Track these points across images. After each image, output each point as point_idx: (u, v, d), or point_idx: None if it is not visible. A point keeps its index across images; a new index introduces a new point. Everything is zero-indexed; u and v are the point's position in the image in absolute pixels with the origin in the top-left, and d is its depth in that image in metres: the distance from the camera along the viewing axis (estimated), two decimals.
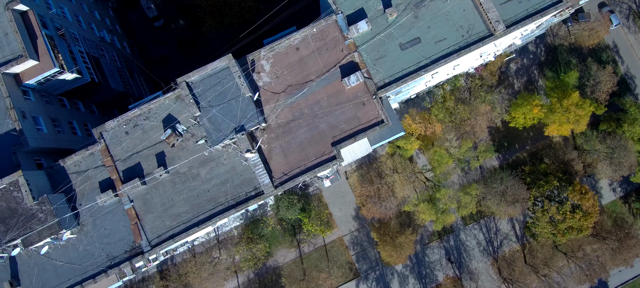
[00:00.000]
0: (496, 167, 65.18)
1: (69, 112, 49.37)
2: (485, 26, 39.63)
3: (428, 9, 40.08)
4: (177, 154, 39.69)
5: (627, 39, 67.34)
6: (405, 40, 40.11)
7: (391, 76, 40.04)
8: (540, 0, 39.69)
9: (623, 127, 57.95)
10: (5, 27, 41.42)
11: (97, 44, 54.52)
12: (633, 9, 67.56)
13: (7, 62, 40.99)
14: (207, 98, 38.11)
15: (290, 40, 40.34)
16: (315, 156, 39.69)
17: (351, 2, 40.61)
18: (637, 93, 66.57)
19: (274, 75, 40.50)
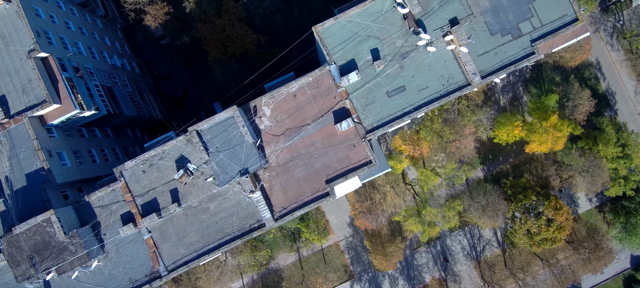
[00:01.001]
0: (481, 178, 70.27)
1: (88, 141, 54.18)
2: (463, 76, 43.75)
3: (412, 60, 44.11)
4: (188, 190, 44.73)
5: (609, 57, 70.90)
6: (392, 88, 44.36)
7: (379, 121, 44.53)
8: (514, 52, 43.66)
9: (598, 146, 62.47)
10: (28, 74, 45.74)
11: (110, 72, 58.70)
12: (617, 27, 70.78)
13: (32, 106, 45.57)
14: (215, 144, 42.83)
15: (288, 89, 44.63)
16: (311, 192, 44.71)
17: (343, 53, 44.61)
18: (616, 108, 70.71)
19: (274, 120, 45.03)
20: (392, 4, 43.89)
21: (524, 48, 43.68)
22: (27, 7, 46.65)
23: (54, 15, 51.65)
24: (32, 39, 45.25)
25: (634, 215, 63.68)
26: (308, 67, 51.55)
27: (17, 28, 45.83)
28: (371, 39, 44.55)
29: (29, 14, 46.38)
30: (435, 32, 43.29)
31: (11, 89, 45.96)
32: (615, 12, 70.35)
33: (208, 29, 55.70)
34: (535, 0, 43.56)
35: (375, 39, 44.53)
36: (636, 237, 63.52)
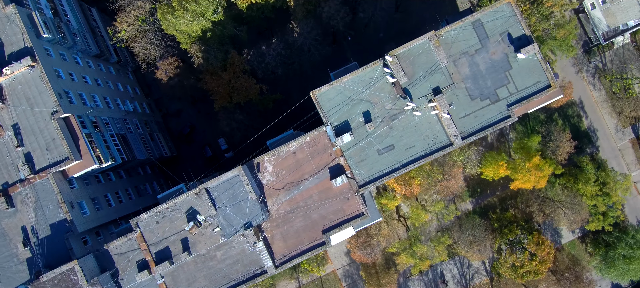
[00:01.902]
0: (470, 210, 74.64)
1: (104, 186, 58.80)
2: (447, 137, 48.15)
3: (400, 122, 48.52)
4: (198, 239, 49.32)
5: (591, 96, 75.08)
6: (382, 147, 48.82)
7: (370, 176, 49.00)
8: (492, 115, 48.02)
9: (578, 185, 66.72)
10: (52, 133, 50.34)
11: (123, 119, 63.28)
12: (599, 67, 74.94)
13: (56, 163, 50.19)
14: (222, 200, 47.40)
15: (288, 147, 49.14)
16: (309, 241, 49.27)
17: (338, 115, 49.06)
18: (598, 145, 74.87)
19: (275, 175, 49.57)
20: (382, 72, 48.30)
21: (501, 112, 48.04)
22: (49, 71, 51.23)
23: (72, 72, 56.22)
24: (55, 102, 49.84)
25: (612, 248, 67.90)
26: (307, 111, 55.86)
27: (41, 91, 50.42)
28: (363, 103, 48.99)
29: (51, 76, 50.98)
30: (420, 99, 47.70)
31: (36, 146, 50.58)
32: (597, 54, 74.50)
33: (215, 81, 60.17)
34: (511, 69, 47.90)
35: (367, 103, 48.97)
36: (615, 268, 67.71)
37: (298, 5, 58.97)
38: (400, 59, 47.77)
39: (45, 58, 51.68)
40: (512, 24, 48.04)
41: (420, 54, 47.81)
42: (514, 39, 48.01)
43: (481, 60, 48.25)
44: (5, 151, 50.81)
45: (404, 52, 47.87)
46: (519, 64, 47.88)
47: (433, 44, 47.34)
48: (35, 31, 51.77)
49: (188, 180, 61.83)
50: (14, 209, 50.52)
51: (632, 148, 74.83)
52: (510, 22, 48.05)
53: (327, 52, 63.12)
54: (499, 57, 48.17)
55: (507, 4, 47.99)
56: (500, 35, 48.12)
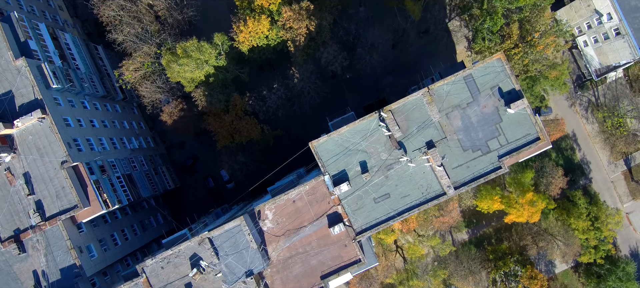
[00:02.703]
0: (466, 240, 76.57)
1: (110, 226, 60.93)
2: (440, 187, 50.09)
3: (396, 172, 50.47)
4: (201, 285, 51.35)
5: (585, 129, 76.89)
6: (378, 196, 50.77)
7: (367, 224, 50.96)
8: (484, 166, 49.91)
9: (570, 220, 68.59)
10: (62, 182, 52.48)
11: (129, 158, 65.39)
12: (592, 102, 76.71)
13: (65, 210, 52.33)
14: (224, 249, 49.42)
15: (288, 195, 51.14)
16: (308, 287, 51.24)
17: (336, 164, 51.03)
18: (591, 177, 76.71)
19: (275, 222, 51.57)
20: (378, 124, 50.25)
21: (492, 163, 49.93)
22: (58, 121, 53.36)
23: (80, 118, 58.35)
24: (65, 152, 51.97)
25: (603, 280, 69.74)
26: (306, 144, 58.05)
27: (50, 141, 52.55)
28: (360, 153, 50.93)
29: (60, 127, 53.10)
30: (414, 152, 49.64)
31: (46, 194, 52.73)
32: (590, 88, 76.27)
33: (217, 122, 62.22)
34: (502, 121, 49.78)
35: (364, 153, 50.91)
36: None
37: (298, 51, 60.93)
38: (395, 113, 49.71)
39: (55, 108, 53.81)
40: (503, 79, 49.90)
41: (413, 109, 49.73)
42: (505, 93, 49.87)
43: (473, 113, 50.14)
44: (16, 198, 52.97)
45: (398, 108, 49.80)
46: (509, 116, 49.76)
47: (426, 100, 49.27)
48: (44, 82, 53.89)
49: (191, 221, 63.93)
50: (26, 254, 52.69)
51: (624, 180, 76.60)
52: (500, 77, 49.92)
53: (326, 94, 65.10)
54: (490, 110, 50.05)
55: (498, 59, 49.86)
56: (491, 89, 50.01)
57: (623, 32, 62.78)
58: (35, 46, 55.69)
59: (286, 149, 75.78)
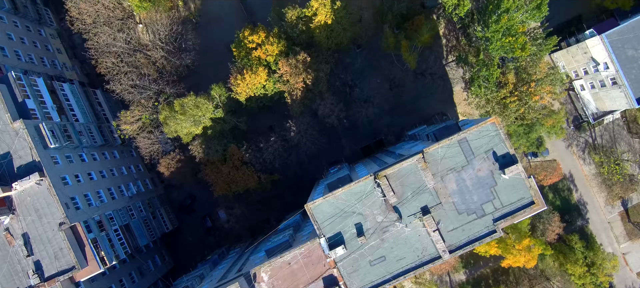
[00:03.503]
0: (464, 280, 76.80)
1: (108, 278, 61.31)
2: (435, 250, 50.36)
3: (391, 234, 50.73)
4: None
5: (582, 170, 77.02)
6: (374, 258, 51.04)
7: (363, 286, 51.23)
8: (479, 229, 50.14)
9: (567, 265, 68.78)
10: (60, 243, 52.93)
11: (127, 206, 65.78)
12: (589, 143, 76.84)
13: (64, 271, 52.78)
14: None
15: (284, 258, 51.46)
16: None
17: (332, 226, 51.31)
18: (588, 218, 76.87)
19: (271, 285, 51.90)
20: (374, 186, 50.53)
21: (487, 226, 50.15)
22: (56, 182, 53.77)
23: (79, 174, 58.75)
24: (62, 214, 52.40)
25: None
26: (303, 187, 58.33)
27: (48, 202, 52.98)
28: (356, 215, 51.20)
29: (58, 188, 53.51)
30: (409, 217, 49.92)
31: (45, 255, 53.17)
32: (587, 129, 76.39)
33: (214, 173, 62.61)
34: (497, 185, 49.99)
35: (359, 215, 51.18)
36: None
37: (295, 103, 61.24)
38: (389, 178, 49.97)
39: (52, 169, 54.22)
40: (497, 143, 50.10)
41: (408, 174, 49.99)
42: (499, 156, 50.07)
43: (468, 176, 50.36)
44: (16, 259, 53.42)
45: (393, 173, 50.05)
46: (504, 180, 49.97)
47: (420, 166, 49.51)
48: (42, 143, 54.31)
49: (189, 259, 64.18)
50: None
51: (621, 221, 76.74)
52: (495, 141, 50.12)
53: (323, 143, 65.43)
54: (484, 174, 50.26)
55: (492, 124, 50.05)
56: (485, 153, 50.21)
57: (619, 82, 62.90)
58: (33, 105, 56.11)
59: (284, 188, 76.10)
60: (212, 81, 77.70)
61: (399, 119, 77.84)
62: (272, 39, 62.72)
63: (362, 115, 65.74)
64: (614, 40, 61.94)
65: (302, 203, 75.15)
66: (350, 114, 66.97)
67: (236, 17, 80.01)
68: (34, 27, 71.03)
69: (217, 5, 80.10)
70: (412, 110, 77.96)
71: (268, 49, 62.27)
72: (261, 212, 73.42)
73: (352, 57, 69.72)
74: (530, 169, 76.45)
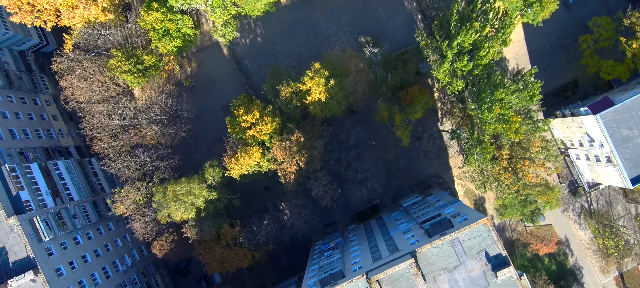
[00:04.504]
0: None
1: None
2: None
3: None
4: None
5: (577, 235, 76.93)
6: None
7: None
8: None
9: None
10: None
11: (122, 283, 65.97)
12: (585, 207, 76.72)
13: None
14: None
15: None
16: None
17: None
18: (583, 282, 76.82)
19: None
20: (366, 285, 50.58)
21: None
22: (50, 277, 54.04)
23: (73, 260, 58.96)
24: None
25: None
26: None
27: None
28: None
29: (52, 282, 53.76)
30: None
31: None
32: (583, 194, 76.24)
33: (208, 253, 62.78)
34: (489, 286, 50.00)
35: None
36: None
37: (288, 183, 61.30)
38: (382, 283, 50.04)
39: (47, 262, 54.41)
40: (489, 244, 50.12)
41: (400, 278, 50.01)
42: (491, 257, 50.08)
43: (460, 276, 50.38)
44: None
45: (385, 277, 50.12)
46: (496, 283, 49.96)
47: (412, 271, 49.55)
48: (37, 237, 54.52)
49: None
50: None
51: (616, 286, 76.65)
52: (487, 242, 50.14)
53: (317, 224, 65.53)
54: (477, 274, 50.27)
55: (484, 224, 50.07)
56: (478, 254, 50.22)
57: (614, 161, 62.72)
58: (27, 196, 56.30)
59: (280, 251, 76.19)
60: (208, 145, 78.17)
61: (394, 181, 77.82)
62: (266, 118, 62.75)
63: (356, 197, 65.77)
64: (608, 120, 61.74)
65: (298, 265, 75.63)
66: (344, 192, 67.02)
67: (232, 80, 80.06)
68: (29, 98, 71.21)
69: (213, 68, 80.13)
70: (408, 173, 77.93)
71: (262, 128, 62.32)
72: (255, 280, 73.60)
73: (346, 131, 69.71)
74: (525, 236, 76.39)
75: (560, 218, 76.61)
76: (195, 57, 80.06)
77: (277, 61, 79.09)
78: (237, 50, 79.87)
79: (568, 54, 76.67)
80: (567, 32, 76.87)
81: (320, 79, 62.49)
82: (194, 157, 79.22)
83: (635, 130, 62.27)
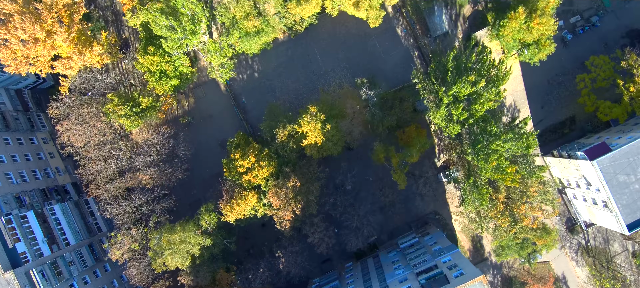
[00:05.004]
0: None
1: None
2: None
3: None
4: None
5: (575, 272, 76.82)
6: None
7: None
8: None
9: None
10: None
11: None
12: (582, 244, 76.61)
13: None
14: None
15: None
16: None
17: None
18: None
19: None
20: None
21: None
22: None
23: None
24: None
25: None
26: None
27: None
28: None
29: None
30: None
31: None
32: (580, 231, 76.11)
33: None
34: None
35: None
36: None
37: (284, 229, 61.30)
38: None
39: None
40: None
41: None
42: None
43: None
44: None
45: None
46: None
47: None
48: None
49: None
50: None
51: None
52: None
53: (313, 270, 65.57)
54: None
55: (480, 283, 50.03)
56: None
57: (610, 207, 62.60)
58: (23, 248, 56.37)
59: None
60: (205, 180, 78.19)
61: (393, 216, 77.70)
62: (262, 163, 62.68)
63: (352, 244, 65.77)
64: (605, 166, 61.59)
65: None
66: (341, 239, 67.05)
67: (229, 115, 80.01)
68: (26, 138, 71.25)
69: (210, 103, 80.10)
70: (405, 209, 77.85)
71: (258, 174, 62.28)
72: None
73: (343, 173, 69.64)
74: (523, 274, 76.28)
75: (557, 255, 76.52)
76: (193, 92, 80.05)
77: (274, 97, 79.08)
78: (234, 86, 79.80)
79: (566, 90, 76.47)
80: (565, 69, 76.65)
81: (317, 123, 62.43)
82: (190, 192, 79.20)
83: (632, 176, 62.13)
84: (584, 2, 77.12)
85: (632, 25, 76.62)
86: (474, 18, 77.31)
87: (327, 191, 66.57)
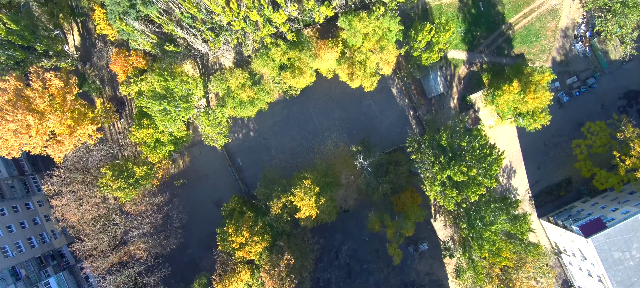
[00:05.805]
0: None
1: None
2: None
3: None
4: None
5: None
6: None
7: None
8: None
9: None
10: None
11: None
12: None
13: None
14: None
15: None
16: None
17: None
18: None
19: None
20: None
21: None
22: None
23: None
24: None
25: None
26: None
27: None
28: None
29: None
30: None
31: None
32: None
33: None
34: None
35: None
36: None
37: None
38: None
39: None
40: None
41: None
42: None
43: None
44: None
45: None
46: None
47: None
48: None
49: None
50: None
51: None
52: None
53: None
54: None
55: None
56: None
57: (605, 283, 62.42)
58: None
59: None
60: (200, 239, 78.34)
61: (391, 278, 77.54)
62: (256, 238, 62.71)
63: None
64: (600, 243, 61.35)
65: None
66: None
67: (224, 174, 79.97)
68: (22, 204, 71.39)
69: (205, 162, 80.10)
70: (402, 271, 77.72)
71: (251, 250, 62.35)
72: None
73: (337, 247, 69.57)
74: None
75: None
76: (188, 151, 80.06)
77: (270, 156, 78.98)
78: (230, 145, 79.70)
79: (562, 152, 76.09)
80: (561, 130, 76.21)
81: (311, 198, 62.38)
82: (185, 251, 79.37)
83: (627, 252, 61.89)
84: (580, 63, 76.57)
85: (629, 87, 76.14)
86: (469, 79, 76.91)
87: (321, 265, 66.49)
